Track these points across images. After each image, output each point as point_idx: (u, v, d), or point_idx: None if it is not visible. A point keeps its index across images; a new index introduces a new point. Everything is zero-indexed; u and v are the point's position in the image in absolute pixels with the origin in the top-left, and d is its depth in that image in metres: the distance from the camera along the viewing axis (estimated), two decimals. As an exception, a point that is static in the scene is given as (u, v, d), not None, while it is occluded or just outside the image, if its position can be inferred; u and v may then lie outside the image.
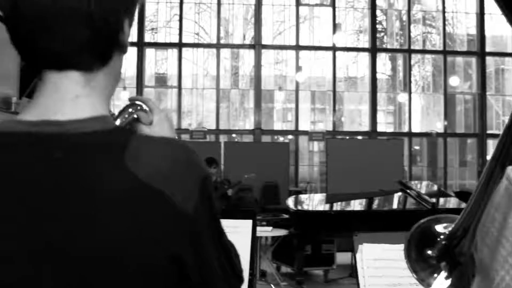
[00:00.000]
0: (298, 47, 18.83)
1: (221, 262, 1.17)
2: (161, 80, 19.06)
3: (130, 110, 1.30)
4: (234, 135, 18.72)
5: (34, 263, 1.04)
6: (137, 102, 1.32)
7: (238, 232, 2.44)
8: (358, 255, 2.46)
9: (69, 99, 1.14)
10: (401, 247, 1.41)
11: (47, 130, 1.09)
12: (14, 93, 11.85)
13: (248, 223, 2.56)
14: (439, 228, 1.40)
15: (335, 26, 18.39)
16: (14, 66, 12.01)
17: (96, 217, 1.03)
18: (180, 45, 18.53)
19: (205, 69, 19.08)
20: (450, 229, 1.35)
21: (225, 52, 19.08)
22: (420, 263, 1.36)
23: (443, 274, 1.32)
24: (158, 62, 19.03)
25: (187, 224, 1.08)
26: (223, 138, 17.92)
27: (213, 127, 18.18)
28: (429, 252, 1.37)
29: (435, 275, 1.32)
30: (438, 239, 1.38)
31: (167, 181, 1.06)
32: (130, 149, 1.07)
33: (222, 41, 18.98)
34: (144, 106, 1.32)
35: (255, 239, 2.55)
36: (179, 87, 18.41)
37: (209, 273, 1.13)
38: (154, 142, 1.11)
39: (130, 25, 1.21)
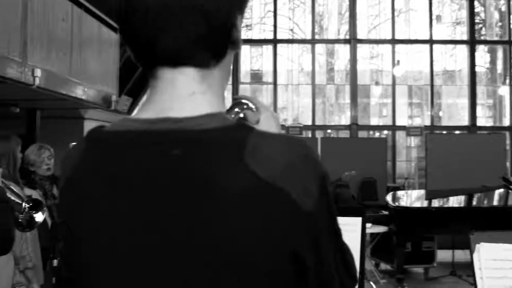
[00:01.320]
0: (394, 41, 18.54)
1: (337, 263, 1.13)
2: (256, 77, 19.17)
3: (236, 109, 1.28)
4: (329, 131, 18.63)
5: (153, 260, 1.04)
6: (243, 101, 1.30)
7: (347, 230, 2.37)
8: (475, 255, 2.35)
9: (185, 95, 1.13)
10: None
11: (164, 127, 1.09)
12: (114, 91, 12.15)
13: (358, 220, 2.50)
14: None
15: (432, 18, 18.02)
16: (113, 65, 12.33)
17: (215, 215, 1.02)
18: (274, 41, 18.56)
19: (299, 65, 19.05)
20: None
21: (319, 48, 19.00)
22: None
23: None
24: (253, 58, 19.14)
25: (307, 222, 1.05)
26: (318, 134, 17.85)
27: (309, 122, 18.13)
28: None
29: None
30: None
31: (286, 179, 1.03)
32: (249, 145, 1.04)
33: (316, 37, 18.91)
34: (251, 105, 1.29)
35: (364, 237, 2.49)
36: (274, 83, 18.45)
37: (327, 273, 1.10)
38: (273, 138, 1.08)
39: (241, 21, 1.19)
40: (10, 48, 8.15)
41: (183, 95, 1.13)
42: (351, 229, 2.43)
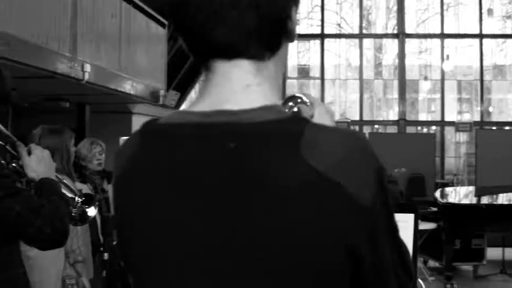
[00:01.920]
0: (443, 35, 18.31)
1: (394, 259, 1.10)
2: (303, 72, 19.14)
3: (290, 103, 1.27)
4: (377, 126, 18.50)
5: (206, 252, 1.04)
6: (297, 95, 1.28)
7: (399, 227, 2.35)
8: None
9: (240, 88, 1.12)
10: None
11: (219, 120, 1.08)
12: (162, 86, 12.25)
13: (410, 217, 2.47)
14: None
15: (481, 12, 17.73)
16: (161, 60, 12.43)
17: (271, 208, 1.01)
18: (322, 36, 18.49)
19: (347, 60, 18.95)
20: None
21: (367, 42, 18.87)
22: None
23: None
24: (300, 53, 19.10)
25: (365, 217, 1.03)
26: (366, 129, 17.75)
27: (356, 118, 18.03)
28: None
29: None
30: None
31: (344, 172, 1.01)
32: (306, 138, 1.02)
33: (364, 31, 18.78)
34: (305, 99, 1.28)
35: (417, 234, 2.46)
36: (322, 78, 18.39)
37: (383, 269, 1.08)
38: (329, 131, 1.06)
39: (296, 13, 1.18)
40: (60, 44, 8.26)
41: (238, 87, 1.12)
42: (403, 226, 2.39)
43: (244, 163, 1.03)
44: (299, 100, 1.27)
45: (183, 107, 17.15)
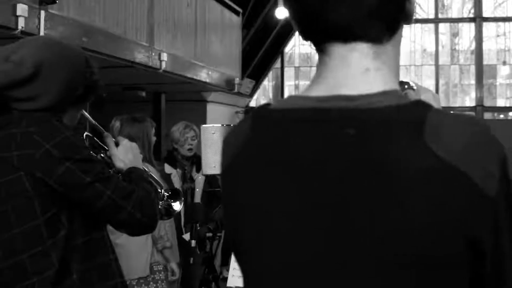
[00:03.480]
0: (522, 18, 17.84)
1: None
2: (377, 58, 18.90)
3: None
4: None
5: (322, 241, 1.02)
6: (405, 81, 1.25)
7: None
8: None
9: (359, 72, 1.08)
10: None
11: (337, 105, 1.04)
12: (237, 74, 12.30)
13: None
14: None
15: None
16: (236, 48, 12.48)
17: (395, 197, 0.98)
18: (396, 22, 18.22)
19: (422, 45, 18.64)
20: None
21: (442, 27, 18.51)
22: None
23: None
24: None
25: (489, 207, 0.99)
26: (442, 116, 17.43)
27: (431, 104, 17.71)
28: None
29: None
30: None
31: (468, 160, 0.97)
32: (429, 125, 0.99)
33: (439, 16, 18.43)
34: (412, 84, 1.24)
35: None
36: (396, 64, 18.13)
37: (502, 262, 1.03)
38: (453, 118, 1.01)
39: None
40: (138, 34, 8.38)
41: (357, 72, 1.08)
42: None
43: (365, 149, 1.00)
44: (406, 86, 1.24)
45: (256, 95, 17.21)
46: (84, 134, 2.37)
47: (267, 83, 18.97)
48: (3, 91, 2.05)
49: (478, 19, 17.79)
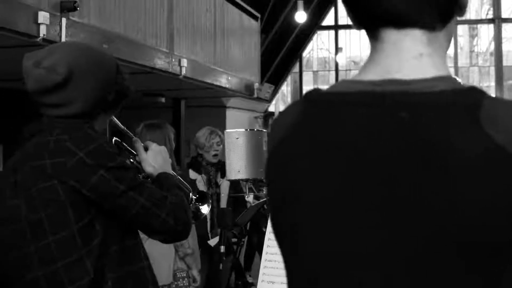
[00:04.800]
0: (541, 19, 17.74)
1: None
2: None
3: None
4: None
5: (378, 233, 1.01)
6: None
7: None
8: None
9: (412, 58, 1.08)
10: None
11: (391, 89, 1.04)
12: (256, 79, 12.29)
13: None
14: None
15: None
16: (255, 53, 12.48)
17: (451, 183, 0.96)
18: (414, 24, 18.19)
19: (440, 48, 18.58)
20: None
21: (460, 29, 18.45)
22: None
23: None
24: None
25: None
26: (462, 118, 17.38)
27: (452, 106, 17.67)
28: None
29: None
30: None
31: None
32: (485, 110, 0.98)
33: (457, 18, 18.34)
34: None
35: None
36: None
37: None
38: (507, 102, 1.01)
39: None
40: (158, 40, 8.40)
41: (410, 57, 1.08)
42: None
43: (420, 133, 0.99)
44: None
45: (274, 101, 17.19)
46: (113, 139, 2.35)
47: (285, 88, 18.97)
48: (34, 97, 2.04)
49: (497, 20, 17.72)
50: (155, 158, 2.37)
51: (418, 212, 0.98)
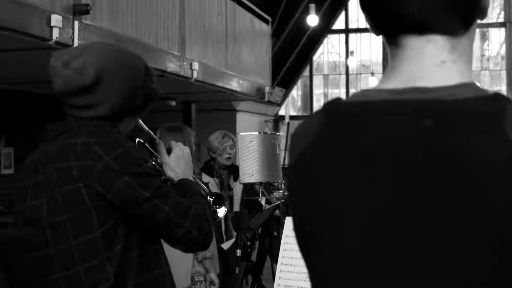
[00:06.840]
0: (553, 22, 17.67)
1: None
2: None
3: None
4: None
5: (399, 234, 1.00)
6: None
7: None
8: None
9: (434, 65, 1.06)
10: None
11: (414, 97, 1.02)
12: (267, 83, 12.29)
13: None
14: None
15: None
16: (266, 57, 12.48)
17: (476, 191, 0.95)
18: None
19: (451, 51, 18.55)
20: None
21: (471, 33, 18.41)
22: None
23: None
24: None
25: None
26: (473, 122, 17.34)
27: (462, 110, 17.62)
28: None
29: None
30: None
31: None
32: (509, 117, 0.96)
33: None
34: None
35: None
36: (425, 71, 18.07)
37: None
38: None
39: None
40: (169, 43, 8.40)
41: (433, 64, 1.06)
42: None
43: (444, 141, 0.98)
44: None
45: (285, 104, 17.18)
46: (136, 140, 2.33)
47: (295, 92, 18.96)
48: (61, 97, 2.01)
49: (508, 23, 17.65)
50: (177, 163, 2.35)
51: (448, 220, 0.97)
